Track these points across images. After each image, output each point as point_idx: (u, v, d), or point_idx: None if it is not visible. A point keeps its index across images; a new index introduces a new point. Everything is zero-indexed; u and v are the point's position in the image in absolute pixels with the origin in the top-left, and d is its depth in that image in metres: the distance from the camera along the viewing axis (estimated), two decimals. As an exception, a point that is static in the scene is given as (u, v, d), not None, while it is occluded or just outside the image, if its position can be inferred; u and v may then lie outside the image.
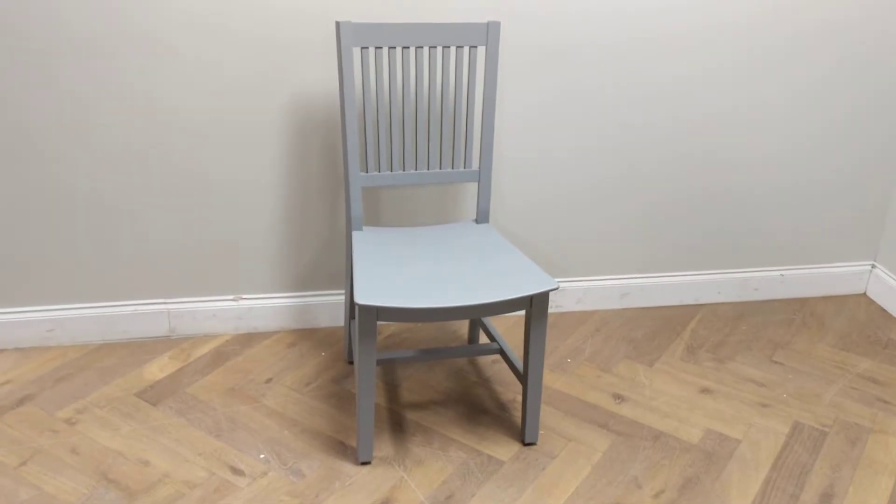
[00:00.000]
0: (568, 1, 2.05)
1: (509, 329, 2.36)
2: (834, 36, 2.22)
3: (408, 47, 1.81)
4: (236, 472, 1.73)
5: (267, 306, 2.28)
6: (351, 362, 2.16)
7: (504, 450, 1.82)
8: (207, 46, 1.95)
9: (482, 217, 1.99)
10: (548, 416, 1.94)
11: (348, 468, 1.75)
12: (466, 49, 2.04)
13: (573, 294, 2.44)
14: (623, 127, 2.24)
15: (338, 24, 1.74)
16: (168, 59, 1.95)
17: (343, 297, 2.32)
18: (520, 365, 1.85)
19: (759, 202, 2.42)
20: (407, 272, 1.71)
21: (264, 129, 2.07)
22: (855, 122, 2.35)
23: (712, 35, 2.16)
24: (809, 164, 2.39)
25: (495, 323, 2.40)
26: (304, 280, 2.28)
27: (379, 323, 2.35)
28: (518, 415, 1.95)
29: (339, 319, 2.34)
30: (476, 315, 1.61)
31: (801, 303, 2.56)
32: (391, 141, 1.89)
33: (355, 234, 1.91)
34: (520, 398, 2.01)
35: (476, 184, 2.22)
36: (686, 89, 2.21)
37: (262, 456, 1.78)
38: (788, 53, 2.22)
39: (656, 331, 2.36)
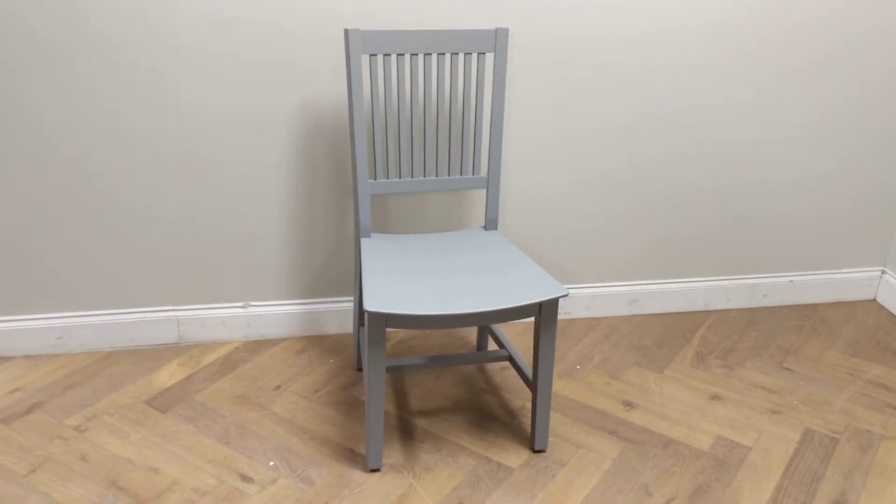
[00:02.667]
0: (575, 5, 2.05)
1: (518, 336, 2.35)
2: (849, 36, 2.22)
3: (416, 54, 1.81)
4: (246, 479, 1.73)
5: (275, 313, 2.28)
6: (360, 369, 2.15)
7: (514, 457, 1.81)
8: (216, 55, 1.96)
9: (491, 224, 1.99)
10: (557, 424, 1.94)
11: (358, 475, 1.74)
12: (475, 56, 2.05)
13: (582, 301, 2.44)
14: (632, 135, 2.23)
15: (346, 31, 1.74)
16: (176, 68, 1.96)
17: (351, 305, 2.32)
18: (529, 372, 1.84)
19: (769, 208, 2.41)
20: (416, 279, 1.71)
21: (272, 136, 2.07)
22: (865, 127, 2.35)
23: (721, 36, 2.15)
24: (819, 169, 2.38)
25: (504, 330, 2.40)
26: (313, 287, 2.28)
27: (387, 330, 2.35)
28: (527, 422, 1.94)
29: (348, 326, 2.34)
30: (485, 322, 1.61)
31: (811, 309, 2.55)
32: (399, 148, 1.90)
33: (364, 242, 1.91)
34: (529, 405, 2.01)
35: (484, 190, 2.22)
36: (694, 90, 2.21)
37: (271, 463, 1.78)
38: (798, 57, 2.22)
39: (665, 337, 2.35)
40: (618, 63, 2.14)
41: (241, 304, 2.27)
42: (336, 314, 2.32)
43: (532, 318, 2.43)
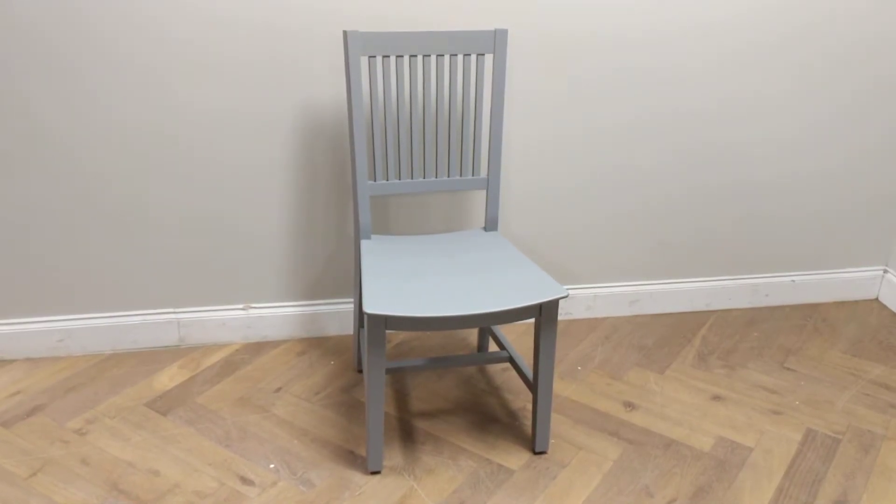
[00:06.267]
0: (574, 5, 2.05)
1: (519, 337, 2.35)
2: (843, 30, 2.21)
3: (415, 56, 1.81)
4: (246, 481, 1.73)
5: (276, 315, 2.28)
6: (360, 371, 2.15)
7: (514, 458, 1.81)
8: (216, 56, 1.96)
9: (491, 225, 1.99)
10: (558, 425, 1.93)
11: (358, 478, 1.74)
12: (474, 57, 2.04)
13: (583, 301, 2.43)
14: (632, 135, 2.23)
15: (345, 33, 1.74)
16: (175, 70, 1.96)
17: (352, 306, 2.32)
18: (529, 373, 1.84)
19: (770, 207, 2.41)
20: (415, 281, 1.70)
21: (272, 138, 2.07)
22: (866, 126, 2.34)
23: (721, 36, 2.15)
24: (820, 168, 2.38)
25: (504, 331, 2.39)
26: (313, 289, 2.28)
27: (388, 331, 2.35)
28: (528, 423, 1.94)
29: (349, 328, 2.34)
30: (485, 323, 1.61)
31: (813, 308, 2.55)
32: (399, 149, 1.89)
33: (364, 243, 1.90)
34: (530, 406, 2.01)
35: (484, 191, 2.22)
36: (694, 90, 2.21)
37: (271, 465, 1.78)
38: (800, 58, 2.21)
39: (667, 338, 2.35)
40: (617, 63, 2.13)
41: (241, 307, 2.27)
42: (336, 316, 2.31)
43: (533, 319, 2.43)
